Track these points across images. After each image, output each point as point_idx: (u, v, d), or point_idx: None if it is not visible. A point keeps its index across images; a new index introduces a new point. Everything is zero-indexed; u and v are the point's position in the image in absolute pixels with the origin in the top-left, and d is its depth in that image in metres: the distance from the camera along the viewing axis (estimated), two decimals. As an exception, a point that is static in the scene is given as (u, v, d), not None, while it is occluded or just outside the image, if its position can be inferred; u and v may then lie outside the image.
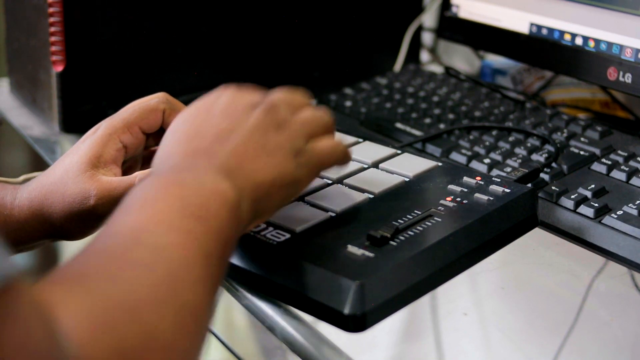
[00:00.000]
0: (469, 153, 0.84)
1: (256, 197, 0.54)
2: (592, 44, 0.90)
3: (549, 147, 0.83)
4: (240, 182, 0.53)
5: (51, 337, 0.37)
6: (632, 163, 0.79)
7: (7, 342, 0.34)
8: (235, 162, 0.54)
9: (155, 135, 0.70)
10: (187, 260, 0.46)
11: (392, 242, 0.59)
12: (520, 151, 0.83)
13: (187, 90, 1.00)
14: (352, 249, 0.58)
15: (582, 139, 0.84)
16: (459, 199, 0.65)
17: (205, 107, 0.58)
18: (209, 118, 0.56)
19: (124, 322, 0.41)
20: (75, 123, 0.94)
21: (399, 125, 0.92)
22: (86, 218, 0.63)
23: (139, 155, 0.71)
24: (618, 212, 0.71)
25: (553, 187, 0.76)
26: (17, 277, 0.35)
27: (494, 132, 0.87)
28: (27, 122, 1.01)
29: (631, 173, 0.77)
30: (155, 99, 0.69)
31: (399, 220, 0.62)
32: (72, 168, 0.65)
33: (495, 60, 1.14)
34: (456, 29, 1.06)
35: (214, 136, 0.55)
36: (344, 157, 0.61)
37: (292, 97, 0.60)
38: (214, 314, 0.48)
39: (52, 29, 0.91)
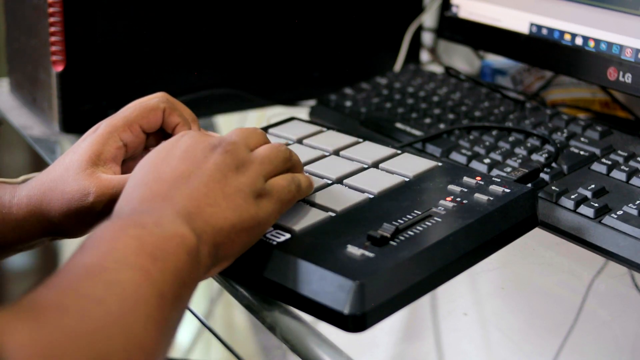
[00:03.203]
0: (469, 153, 0.84)
1: (216, 241, 0.54)
2: (592, 44, 0.90)
3: (549, 147, 0.83)
4: (200, 226, 0.53)
5: None
6: (632, 163, 0.79)
7: None
8: (194, 207, 0.53)
9: (155, 135, 0.70)
10: (139, 297, 0.46)
11: (392, 242, 0.59)
12: (520, 151, 0.83)
13: (187, 90, 1.00)
14: (352, 249, 0.58)
15: (582, 139, 0.84)
16: (458, 199, 0.65)
17: (166, 151, 0.57)
18: (168, 162, 0.56)
19: (71, 354, 0.40)
20: (75, 123, 0.94)
21: (399, 125, 0.92)
22: (85, 215, 0.63)
23: (138, 155, 0.71)
24: (618, 212, 0.71)
25: (553, 187, 0.76)
26: None
27: (494, 132, 0.87)
28: (27, 122, 1.01)
29: (631, 173, 0.77)
30: (156, 99, 0.69)
31: (399, 220, 0.62)
32: (72, 166, 0.65)
33: (495, 60, 1.14)
34: (456, 29, 1.06)
35: (173, 180, 0.55)
36: (305, 190, 0.62)
37: (250, 135, 0.60)
38: (165, 355, 0.48)
39: (52, 29, 0.91)
